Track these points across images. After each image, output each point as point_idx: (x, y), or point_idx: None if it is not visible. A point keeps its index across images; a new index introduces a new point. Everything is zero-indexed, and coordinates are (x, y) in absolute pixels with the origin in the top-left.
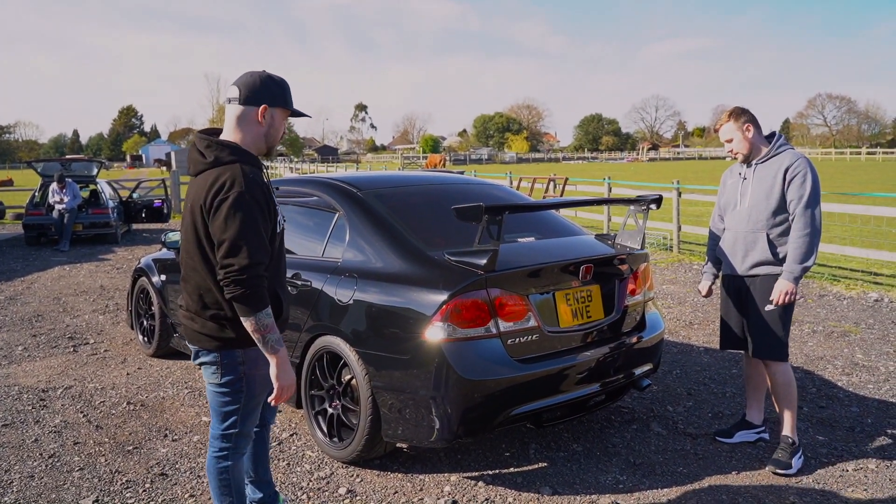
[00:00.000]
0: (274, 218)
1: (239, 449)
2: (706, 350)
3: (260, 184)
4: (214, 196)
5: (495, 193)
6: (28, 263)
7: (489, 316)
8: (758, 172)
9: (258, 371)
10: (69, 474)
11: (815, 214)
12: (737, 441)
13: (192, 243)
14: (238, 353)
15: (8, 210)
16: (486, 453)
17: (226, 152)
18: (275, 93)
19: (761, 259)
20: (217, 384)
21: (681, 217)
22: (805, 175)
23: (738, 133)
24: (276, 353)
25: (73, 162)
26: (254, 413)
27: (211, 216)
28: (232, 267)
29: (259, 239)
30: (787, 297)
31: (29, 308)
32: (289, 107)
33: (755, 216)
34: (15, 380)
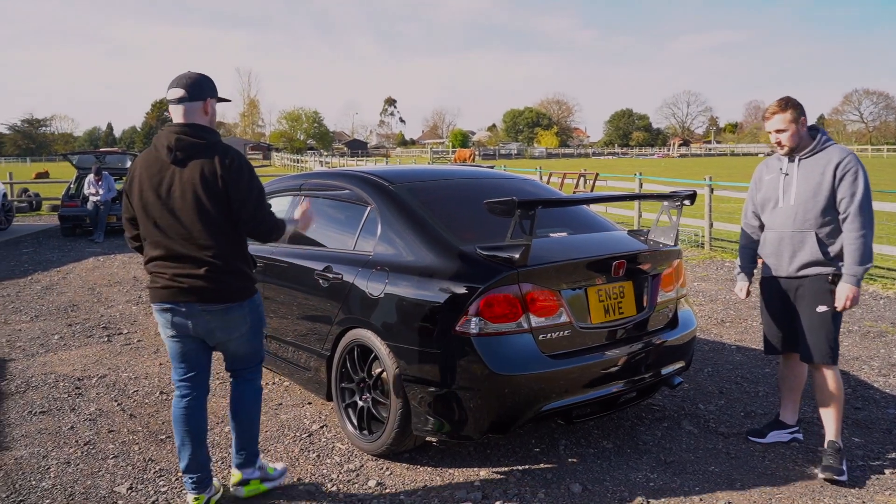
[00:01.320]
0: None
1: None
2: (738, 348)
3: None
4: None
5: (527, 188)
6: (64, 254)
7: (521, 311)
8: (803, 168)
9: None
10: (104, 461)
11: (869, 213)
12: (770, 441)
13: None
14: (257, 298)
15: (44, 201)
16: (516, 448)
17: (215, 135)
18: (212, 87)
19: (811, 259)
20: (251, 329)
21: (713, 214)
22: (857, 172)
23: (792, 125)
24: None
25: (107, 155)
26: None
27: (230, 186)
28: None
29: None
30: (851, 303)
31: (64, 298)
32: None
33: (802, 215)
34: (52, 368)
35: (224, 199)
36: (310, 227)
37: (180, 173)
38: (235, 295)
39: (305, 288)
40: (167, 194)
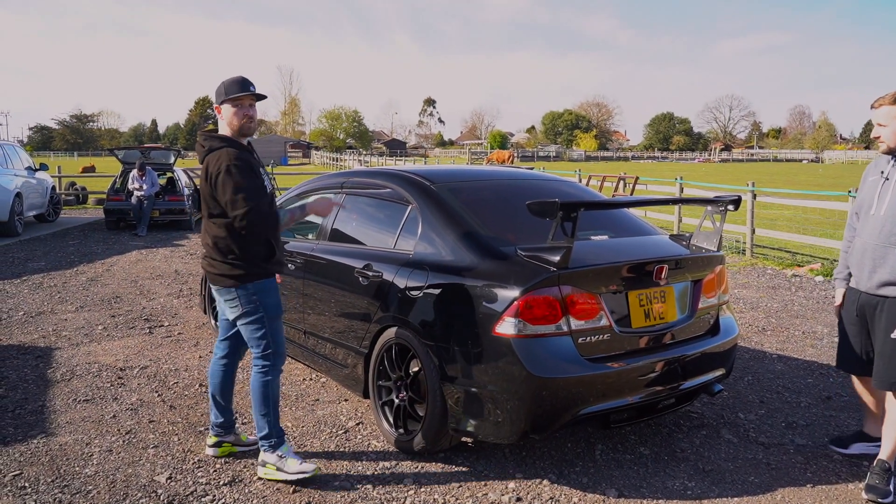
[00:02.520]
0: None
1: (276, 365)
2: (779, 357)
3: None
4: (213, 175)
5: (568, 190)
6: (108, 247)
7: (560, 313)
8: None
9: (271, 298)
10: (144, 451)
11: None
12: (854, 453)
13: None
14: (250, 287)
15: (90, 195)
16: (552, 452)
17: (216, 141)
18: (220, 92)
19: (890, 278)
20: (242, 316)
21: (755, 220)
22: None
23: (891, 119)
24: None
25: (151, 150)
26: (279, 334)
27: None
28: (236, 216)
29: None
30: None
31: (108, 290)
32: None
33: (890, 227)
34: (95, 357)
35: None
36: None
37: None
38: (220, 281)
39: (345, 285)
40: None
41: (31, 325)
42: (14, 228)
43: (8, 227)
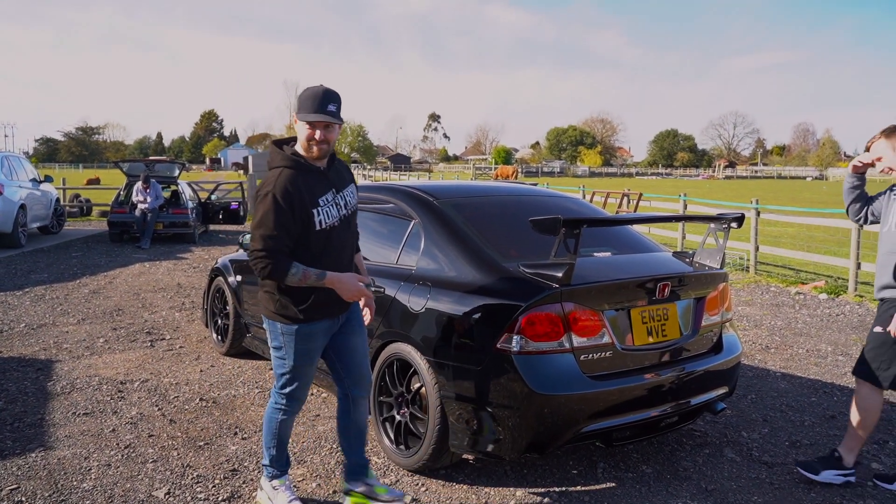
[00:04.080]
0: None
1: (290, 408)
2: (783, 375)
3: (285, 185)
4: (257, 193)
5: (571, 206)
6: (111, 259)
7: (563, 330)
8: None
9: (297, 345)
10: (143, 465)
11: None
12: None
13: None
14: (278, 325)
15: (94, 207)
16: (553, 470)
17: (277, 159)
18: (298, 103)
19: (887, 283)
20: (270, 347)
21: (759, 237)
22: None
23: (889, 151)
24: (324, 281)
25: (156, 163)
26: (301, 380)
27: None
28: (249, 251)
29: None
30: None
31: (110, 302)
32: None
33: (892, 239)
34: (96, 370)
35: None
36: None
37: None
38: (260, 308)
39: None
40: None
41: (32, 337)
42: (18, 240)
43: (11, 239)
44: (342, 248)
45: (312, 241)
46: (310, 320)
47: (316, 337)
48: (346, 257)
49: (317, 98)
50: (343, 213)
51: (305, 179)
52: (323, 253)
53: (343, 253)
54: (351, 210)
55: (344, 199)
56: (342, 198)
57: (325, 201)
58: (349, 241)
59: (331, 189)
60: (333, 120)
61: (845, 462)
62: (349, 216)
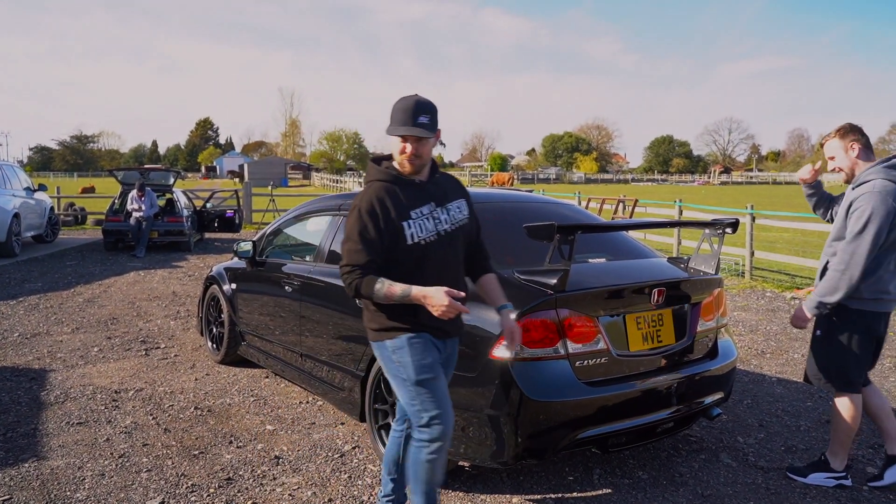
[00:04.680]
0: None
1: (438, 439)
2: (779, 380)
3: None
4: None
5: (566, 213)
6: (106, 268)
7: (558, 336)
8: (845, 198)
9: (413, 357)
10: (137, 475)
11: (857, 254)
12: (889, 483)
13: None
14: (387, 344)
15: (89, 216)
16: (549, 476)
17: (371, 174)
18: (392, 116)
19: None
20: (389, 377)
21: (754, 242)
22: (863, 212)
23: (840, 151)
24: (409, 297)
25: (151, 171)
26: (434, 400)
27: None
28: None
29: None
30: (797, 323)
31: (105, 311)
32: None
33: (829, 240)
34: (90, 380)
35: None
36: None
37: None
38: (368, 333)
39: (342, 307)
40: None
41: (25, 346)
42: (11, 249)
43: (5, 248)
44: (442, 266)
45: (403, 257)
46: (416, 329)
47: (429, 348)
48: (449, 277)
49: (408, 110)
50: (442, 229)
51: (398, 192)
52: (416, 270)
53: (444, 272)
54: (454, 225)
55: (445, 214)
56: (443, 212)
57: (419, 214)
58: (452, 260)
59: (428, 202)
60: (425, 133)
61: (833, 466)
62: (451, 232)
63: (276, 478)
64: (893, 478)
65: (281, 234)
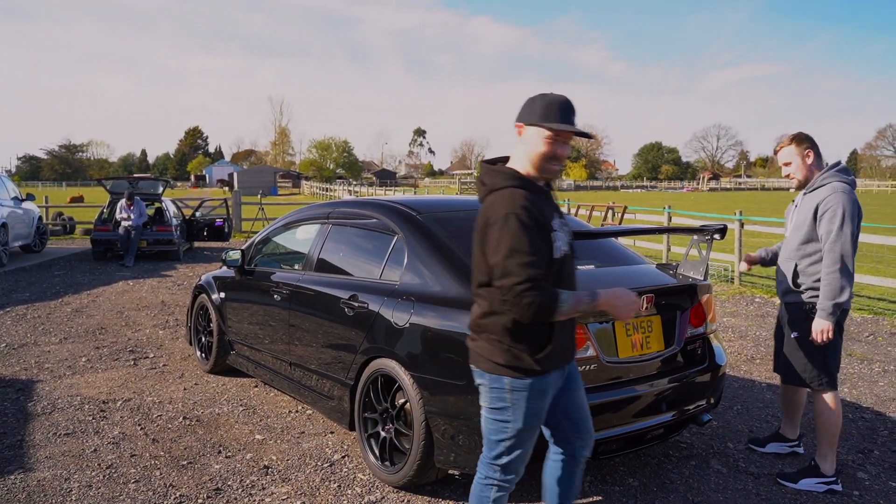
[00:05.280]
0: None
1: (507, 483)
2: (769, 386)
3: (528, 206)
4: (485, 224)
5: None
6: (94, 277)
7: None
8: (803, 203)
9: (530, 403)
10: (125, 486)
11: (843, 250)
12: (768, 451)
13: (477, 268)
14: (506, 380)
15: (78, 225)
16: (539, 484)
17: (501, 178)
18: (532, 109)
19: (789, 287)
20: (487, 408)
21: (743, 248)
22: (835, 211)
23: (797, 157)
24: (596, 303)
25: (140, 180)
26: (524, 448)
27: (484, 243)
28: (504, 287)
29: (526, 255)
30: (824, 336)
31: (93, 321)
32: (544, 122)
33: (789, 245)
34: (77, 390)
35: (481, 258)
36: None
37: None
38: (476, 360)
39: (331, 316)
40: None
41: (13, 357)
42: None
43: None
44: (570, 284)
45: (551, 274)
46: (546, 371)
47: (549, 392)
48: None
49: (563, 106)
50: (570, 240)
51: (538, 200)
52: (558, 287)
53: (574, 286)
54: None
55: (567, 226)
56: (565, 224)
57: (557, 225)
58: (574, 277)
59: (556, 212)
60: (584, 132)
61: (823, 470)
62: (572, 246)
63: (266, 487)
64: (773, 450)
65: (270, 242)
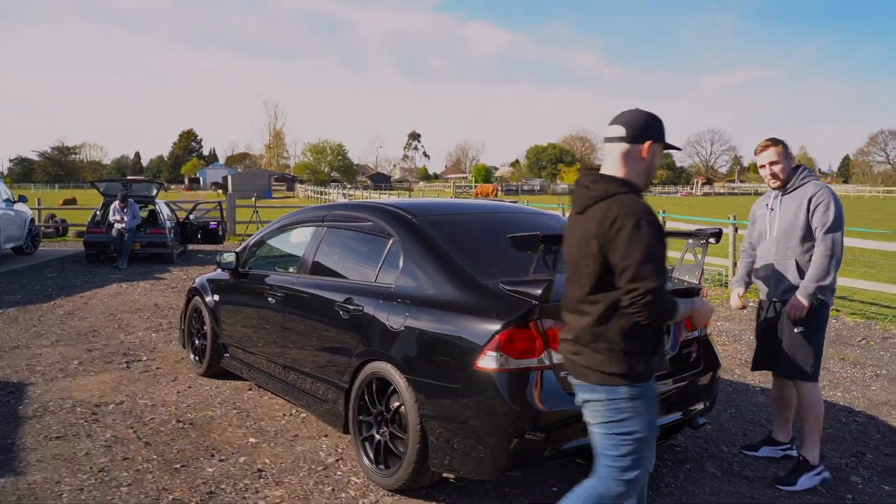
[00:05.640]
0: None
1: (630, 496)
2: (762, 390)
3: (652, 212)
4: (611, 226)
5: (549, 223)
6: (87, 280)
7: (542, 347)
8: (784, 203)
9: (649, 409)
10: (117, 489)
11: (836, 240)
12: (762, 455)
13: (586, 277)
14: (623, 390)
15: (71, 227)
16: (534, 487)
17: (615, 184)
18: (658, 130)
19: (790, 284)
20: (602, 424)
21: (737, 253)
22: (828, 204)
23: (783, 158)
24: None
25: (133, 183)
26: (648, 458)
27: (611, 246)
28: (638, 290)
29: (658, 261)
30: (799, 313)
31: (86, 323)
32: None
33: (784, 244)
34: (69, 393)
35: (599, 263)
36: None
37: (573, 226)
38: (590, 376)
39: (326, 319)
40: (568, 244)
41: (4, 359)
42: None
43: None
44: None
45: None
46: (653, 374)
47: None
48: None
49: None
50: None
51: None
52: None
53: None
54: None
55: None
56: None
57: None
58: None
59: None
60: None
61: (812, 461)
62: None
63: (259, 491)
64: (766, 454)
65: (264, 245)
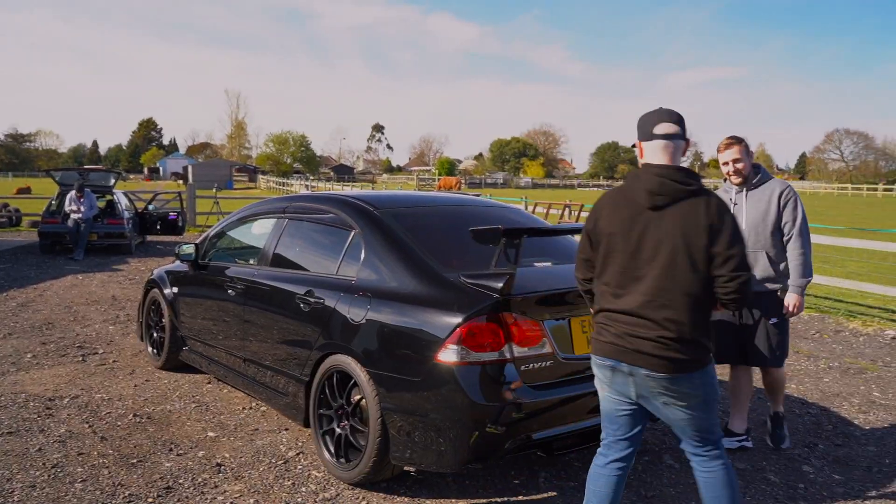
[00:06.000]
0: None
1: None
2: (722, 382)
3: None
4: (720, 219)
5: (512, 217)
6: (42, 271)
7: (503, 340)
8: (750, 198)
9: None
10: (71, 485)
11: (808, 234)
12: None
13: (690, 269)
14: (709, 369)
15: (24, 217)
16: (495, 480)
17: (698, 179)
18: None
19: (764, 276)
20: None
21: None
22: (796, 200)
23: (746, 156)
24: None
25: (91, 172)
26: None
27: (718, 236)
28: (742, 278)
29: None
30: (796, 309)
31: (40, 315)
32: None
33: (754, 237)
34: (22, 387)
35: (704, 255)
36: None
37: (657, 221)
38: (687, 366)
39: (286, 312)
40: (637, 244)
41: None
42: None
43: None
44: None
45: None
46: None
47: None
48: None
49: None
50: None
51: None
52: None
53: None
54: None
55: None
56: None
57: None
58: None
59: None
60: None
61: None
62: None
63: (218, 485)
64: (728, 445)
65: (225, 237)
